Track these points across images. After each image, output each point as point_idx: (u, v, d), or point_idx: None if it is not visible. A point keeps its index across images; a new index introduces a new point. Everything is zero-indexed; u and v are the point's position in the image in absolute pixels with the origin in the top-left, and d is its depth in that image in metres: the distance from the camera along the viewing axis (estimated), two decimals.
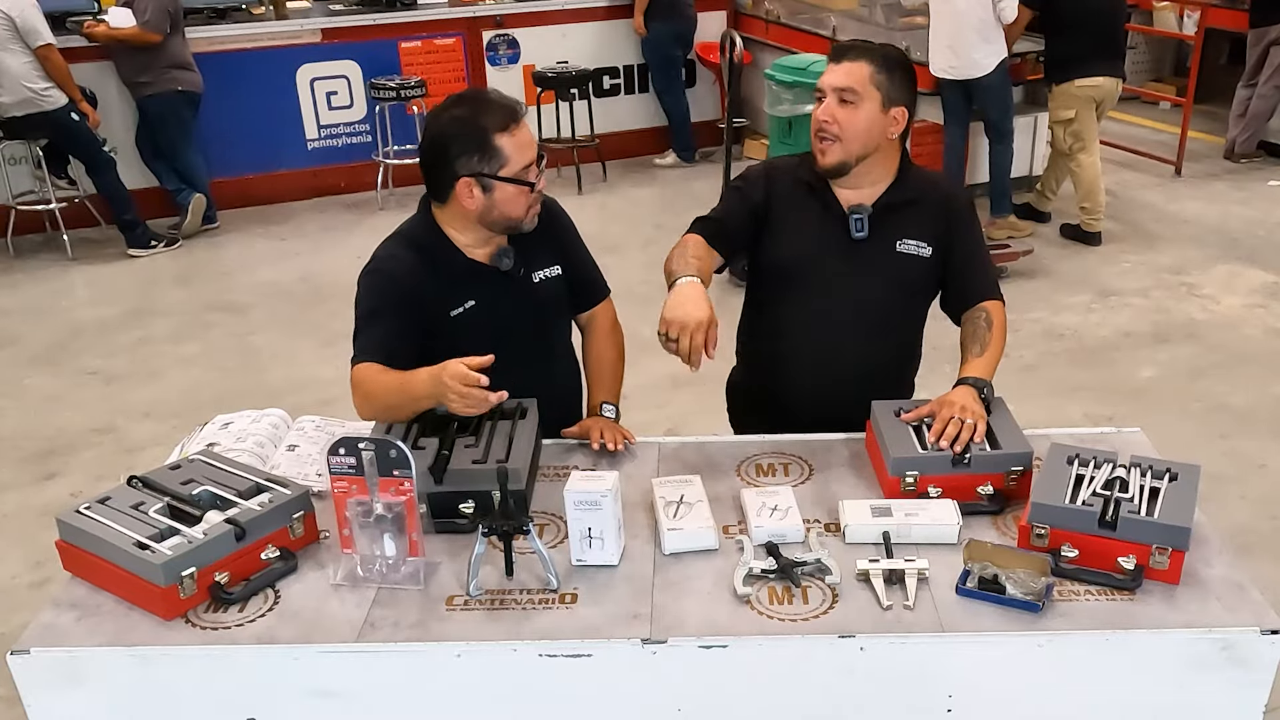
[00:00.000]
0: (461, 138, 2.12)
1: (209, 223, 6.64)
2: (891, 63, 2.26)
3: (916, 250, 2.32)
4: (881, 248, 2.32)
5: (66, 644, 1.75)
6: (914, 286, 2.38)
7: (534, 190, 2.19)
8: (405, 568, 1.86)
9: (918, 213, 2.33)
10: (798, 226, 2.35)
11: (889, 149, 2.30)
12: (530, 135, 2.17)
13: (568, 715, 1.77)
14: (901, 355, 2.49)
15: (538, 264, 2.32)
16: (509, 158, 2.12)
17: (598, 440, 2.25)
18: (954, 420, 2.05)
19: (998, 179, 6.03)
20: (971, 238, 2.40)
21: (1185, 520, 1.79)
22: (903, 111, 2.27)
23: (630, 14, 7.44)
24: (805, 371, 2.40)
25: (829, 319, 2.36)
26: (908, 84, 2.28)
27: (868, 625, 1.72)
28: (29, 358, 5.16)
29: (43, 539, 2.39)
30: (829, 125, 2.25)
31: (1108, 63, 5.76)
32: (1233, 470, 3.84)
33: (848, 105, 2.23)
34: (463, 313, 2.23)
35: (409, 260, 2.21)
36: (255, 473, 2.04)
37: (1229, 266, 5.73)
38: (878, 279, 2.34)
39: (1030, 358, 4.77)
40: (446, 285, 2.22)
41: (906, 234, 2.32)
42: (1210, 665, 1.69)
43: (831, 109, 2.24)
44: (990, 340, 2.28)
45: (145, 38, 6.05)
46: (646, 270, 2.56)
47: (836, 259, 2.33)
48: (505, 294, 2.26)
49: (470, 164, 2.12)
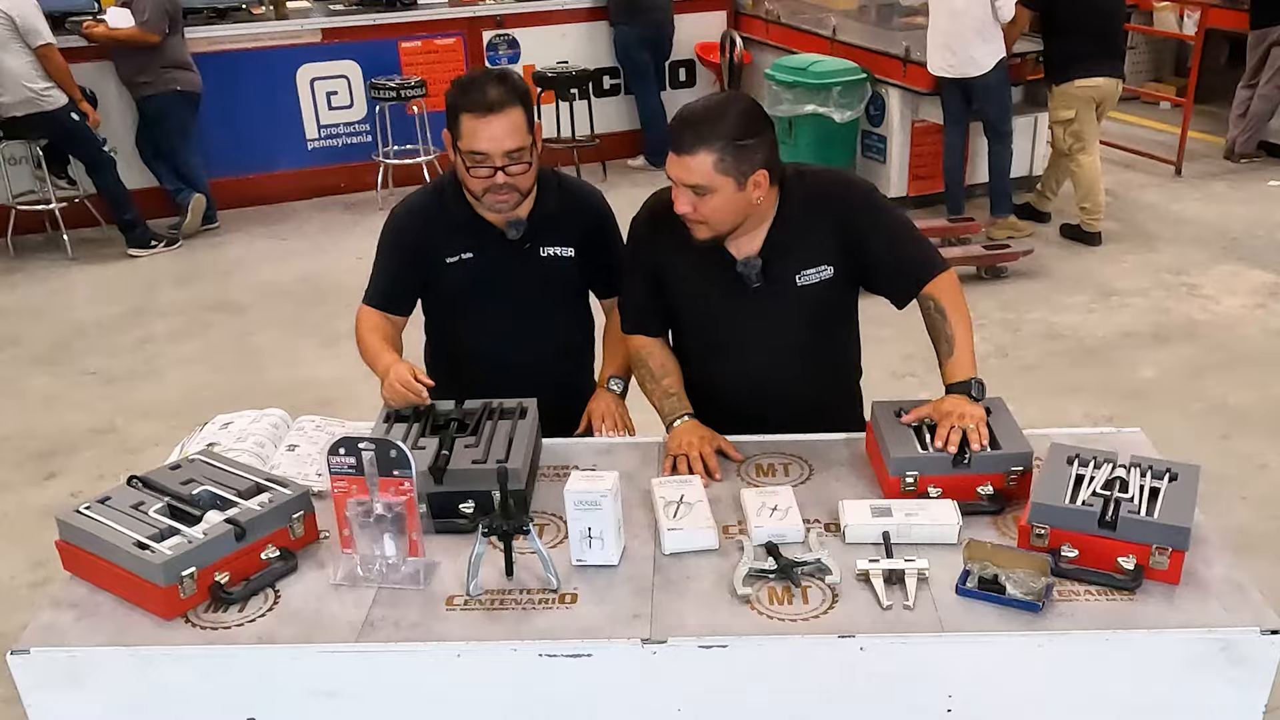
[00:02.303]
0: (448, 99, 2.29)
1: (209, 223, 6.64)
2: (734, 137, 2.04)
3: (818, 276, 2.21)
4: (781, 288, 2.21)
5: (66, 644, 1.75)
6: (826, 310, 2.29)
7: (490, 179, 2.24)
8: (405, 568, 1.86)
9: (810, 238, 2.20)
10: (694, 280, 2.27)
11: (762, 203, 2.14)
12: (499, 131, 2.21)
13: (568, 715, 1.77)
14: (833, 367, 2.41)
15: (550, 240, 2.42)
16: (464, 136, 2.24)
17: (599, 429, 2.37)
18: (955, 430, 2.03)
19: (997, 179, 6.03)
20: (879, 228, 2.23)
21: (1185, 520, 1.79)
22: (763, 174, 2.08)
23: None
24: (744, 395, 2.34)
25: (751, 355, 2.30)
26: (762, 142, 2.08)
27: (868, 625, 1.72)
28: (29, 358, 5.16)
29: (43, 539, 2.38)
30: (690, 215, 2.11)
31: (1108, 63, 5.76)
32: (1233, 470, 3.83)
33: (702, 197, 2.07)
34: (457, 262, 2.39)
35: (424, 203, 2.45)
36: (255, 473, 2.04)
37: (1229, 266, 5.73)
38: (788, 317, 2.25)
39: (1030, 358, 4.77)
40: (448, 232, 2.39)
41: (802, 266, 2.21)
42: (1210, 665, 1.69)
43: (689, 200, 2.08)
44: (953, 330, 2.16)
45: (144, 38, 6.05)
46: None
47: (741, 309, 2.25)
48: (505, 257, 2.39)
49: (449, 123, 2.29)
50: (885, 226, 2.25)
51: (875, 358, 2.53)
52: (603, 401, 2.46)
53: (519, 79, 2.31)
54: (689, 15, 7.55)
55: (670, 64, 7.71)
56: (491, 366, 2.42)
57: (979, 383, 2.13)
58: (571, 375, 2.59)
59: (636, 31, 7.28)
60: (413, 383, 2.17)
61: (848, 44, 6.67)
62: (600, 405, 2.46)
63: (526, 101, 2.27)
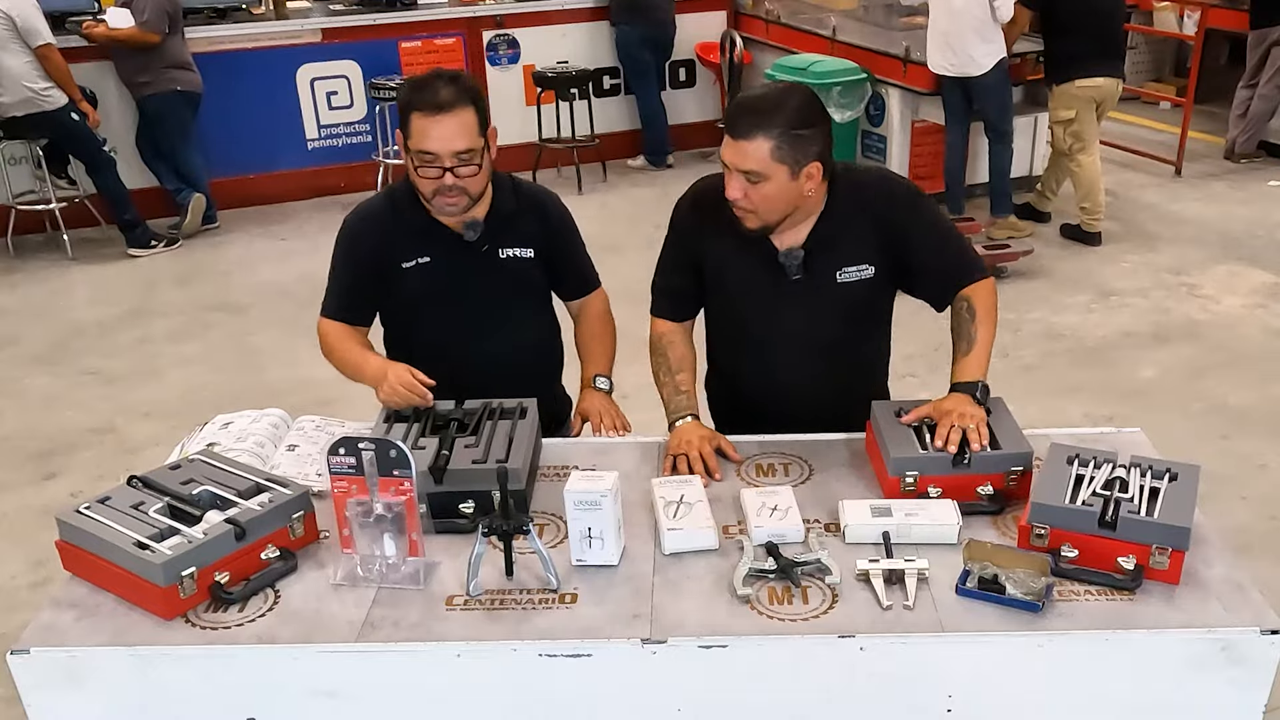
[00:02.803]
0: (399, 99, 2.29)
1: (209, 223, 6.64)
2: (792, 125, 2.05)
3: (858, 275, 2.23)
4: (822, 283, 2.23)
5: (66, 644, 1.75)
6: (864, 309, 2.30)
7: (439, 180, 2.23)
8: (405, 568, 1.86)
9: (854, 236, 2.21)
10: (733, 272, 2.28)
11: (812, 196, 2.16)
12: (449, 131, 2.20)
13: (568, 715, 1.77)
14: (864, 364, 2.42)
15: (509, 242, 2.40)
16: (413, 135, 2.23)
17: (598, 429, 2.36)
18: (954, 429, 2.03)
19: (997, 179, 6.03)
20: (924, 228, 2.25)
21: (1185, 520, 1.79)
22: (817, 166, 2.09)
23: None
24: (771, 390, 2.37)
25: (781, 349, 2.31)
26: (817, 134, 2.09)
27: (868, 625, 1.72)
28: (29, 358, 5.16)
29: (43, 539, 2.38)
30: (740, 202, 2.11)
31: (1108, 63, 5.76)
32: (1233, 470, 3.83)
33: (755, 184, 2.08)
34: (414, 267, 2.36)
35: (377, 209, 2.42)
36: (255, 473, 2.04)
37: (1229, 266, 5.73)
38: (824, 314, 2.26)
39: (1030, 358, 4.77)
40: (406, 237, 2.36)
41: (844, 263, 2.22)
42: (1210, 665, 1.69)
43: (741, 187, 2.09)
44: (976, 332, 2.20)
45: (144, 38, 6.05)
46: (646, 270, 2.55)
47: (778, 299, 2.26)
48: (463, 260, 2.36)
49: (401, 122, 2.27)
50: (928, 226, 2.27)
51: None
52: (595, 401, 2.45)
53: (471, 80, 2.29)
54: (689, 15, 7.55)
55: (670, 64, 7.70)
56: (455, 371, 2.31)
57: (985, 387, 2.14)
58: (538, 378, 2.52)
59: (639, 31, 7.28)
60: (416, 384, 2.17)
61: (848, 44, 6.67)
62: (593, 404, 2.45)
63: (479, 103, 2.25)
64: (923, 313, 2.44)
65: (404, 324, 2.48)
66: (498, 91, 7.39)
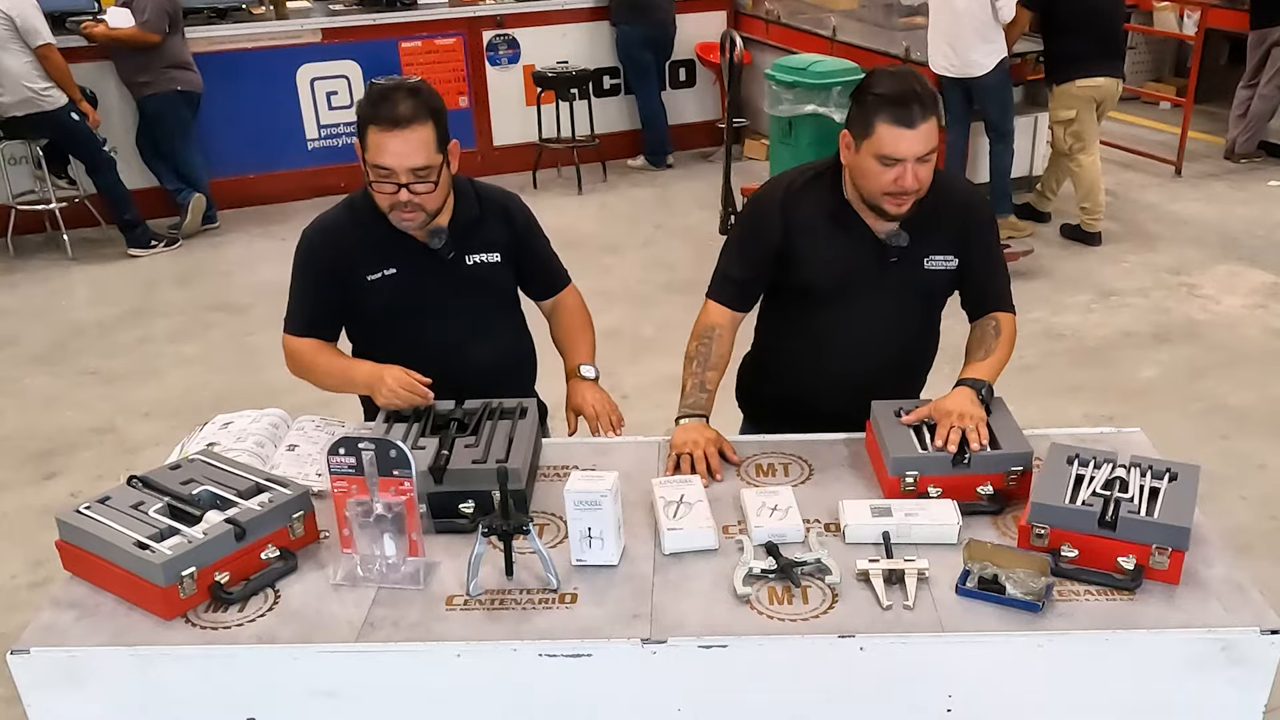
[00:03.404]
0: (359, 110, 2.22)
1: (209, 222, 6.64)
2: (936, 103, 2.15)
3: (944, 265, 2.30)
4: (910, 266, 2.29)
5: (66, 644, 1.75)
6: (939, 296, 2.40)
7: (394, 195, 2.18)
8: (405, 568, 1.86)
9: (941, 225, 2.28)
10: (826, 255, 2.30)
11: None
12: (406, 148, 2.14)
13: (568, 715, 1.77)
14: (921, 356, 2.50)
15: (474, 248, 2.37)
16: (370, 149, 2.18)
17: (596, 430, 2.35)
18: (954, 429, 2.04)
19: (998, 179, 6.02)
20: (990, 246, 2.38)
21: (1185, 520, 1.79)
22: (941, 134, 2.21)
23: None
24: (827, 377, 2.39)
25: (854, 333, 2.35)
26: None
27: (868, 625, 1.72)
28: (29, 358, 5.16)
29: (43, 539, 2.38)
30: (920, 189, 2.15)
31: (1108, 63, 5.76)
32: (1233, 470, 3.83)
33: (926, 163, 2.14)
34: (380, 279, 2.32)
35: (336, 222, 2.37)
36: (255, 473, 2.04)
37: (1229, 266, 5.73)
38: (906, 295, 2.33)
39: (1030, 358, 4.76)
40: (369, 249, 2.32)
41: (933, 250, 2.29)
42: (1210, 665, 1.69)
43: (916, 173, 2.12)
44: (996, 347, 2.27)
45: (144, 38, 6.05)
46: (646, 270, 2.56)
47: (867, 282, 2.30)
48: (429, 269, 2.33)
49: (359, 135, 2.22)
50: (994, 246, 2.39)
51: None
52: (587, 394, 2.41)
53: (433, 93, 2.22)
54: (689, 15, 7.54)
55: (670, 64, 7.70)
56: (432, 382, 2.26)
57: (989, 388, 2.16)
58: (514, 381, 2.49)
59: (640, 30, 7.28)
60: (415, 384, 2.16)
61: (848, 44, 6.67)
62: (586, 399, 2.40)
63: (439, 118, 2.19)
64: None
65: (372, 337, 2.43)
66: (498, 91, 7.39)
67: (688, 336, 2.38)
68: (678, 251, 5.91)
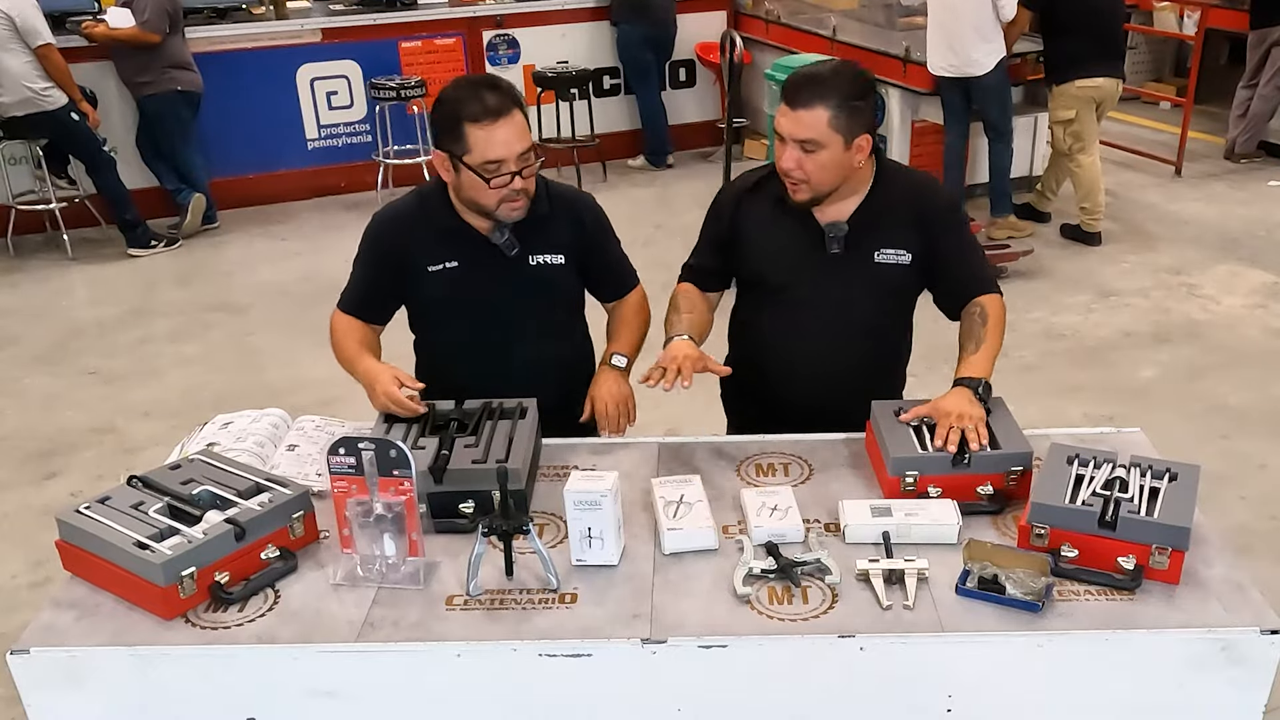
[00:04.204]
0: (442, 115, 2.23)
1: (209, 222, 6.64)
2: (848, 97, 2.16)
3: (895, 259, 2.30)
4: (860, 259, 2.29)
5: (66, 644, 1.75)
6: (895, 292, 2.37)
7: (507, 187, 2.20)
8: (405, 568, 1.86)
9: (895, 221, 2.29)
10: (774, 246, 2.34)
11: (861, 169, 2.25)
12: (511, 135, 2.17)
13: (568, 715, 1.77)
14: (889, 352, 2.48)
15: (539, 248, 2.36)
16: (472, 148, 2.18)
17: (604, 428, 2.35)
18: (954, 430, 2.04)
19: (997, 179, 6.02)
20: (956, 237, 2.35)
21: (1185, 520, 1.79)
22: (867, 138, 2.20)
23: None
24: (792, 374, 2.40)
25: (812, 327, 2.35)
26: (869, 107, 2.20)
27: (868, 625, 1.72)
28: (29, 358, 5.15)
29: (43, 539, 2.38)
30: (794, 172, 2.19)
31: (1108, 63, 5.76)
32: (1233, 470, 3.83)
33: (810, 153, 2.16)
34: (441, 270, 2.32)
35: (405, 210, 2.39)
36: (255, 473, 2.04)
37: (1229, 266, 5.73)
38: (857, 289, 2.32)
39: (1030, 358, 4.77)
40: (432, 240, 2.33)
41: (884, 244, 2.29)
42: (1210, 665, 1.69)
43: (795, 157, 2.18)
44: (986, 336, 2.25)
45: (144, 38, 6.05)
46: (646, 270, 2.56)
47: (815, 274, 2.31)
48: (491, 265, 2.32)
49: (444, 141, 2.23)
50: (961, 236, 2.37)
51: None
52: (606, 386, 2.38)
53: (506, 81, 2.26)
54: (689, 15, 7.55)
55: (670, 64, 7.71)
56: (483, 378, 2.31)
57: (987, 385, 2.16)
58: (567, 386, 2.46)
59: (641, 30, 7.28)
60: (403, 400, 2.15)
61: (848, 44, 6.67)
62: (602, 392, 2.37)
63: (521, 103, 2.24)
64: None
65: (429, 326, 2.47)
66: None
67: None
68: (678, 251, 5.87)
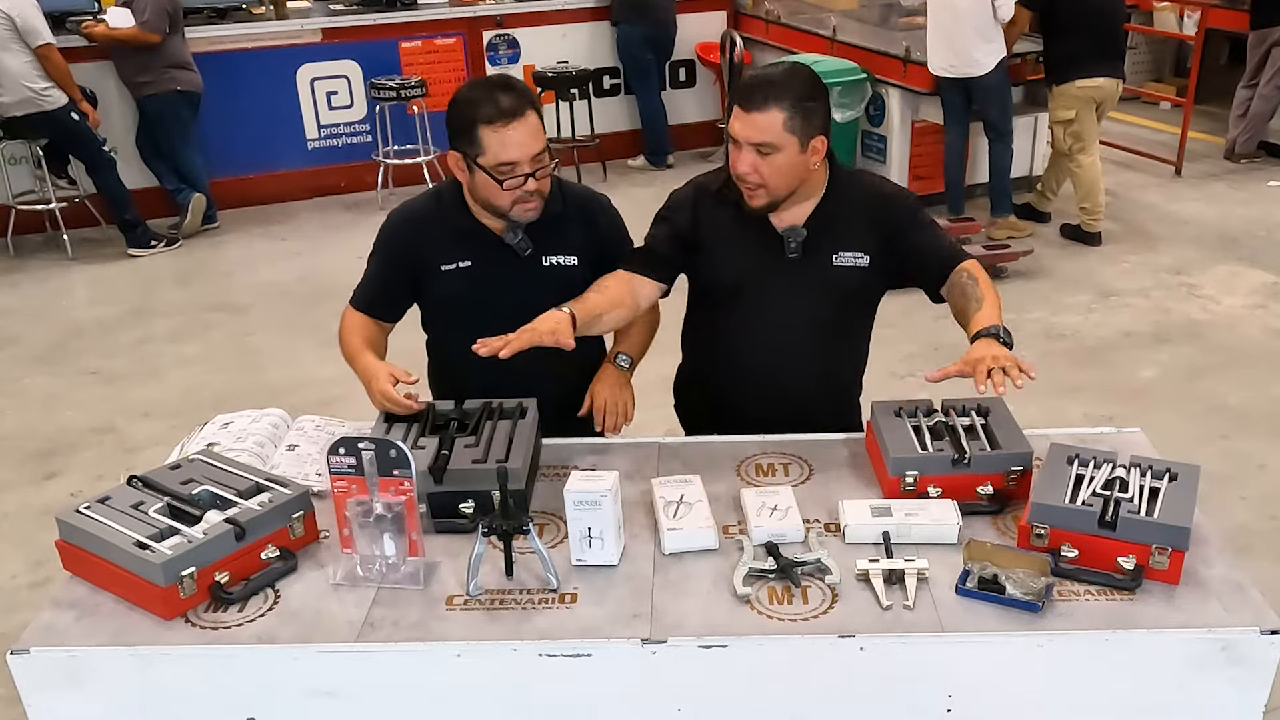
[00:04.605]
0: (456, 116, 2.23)
1: (209, 222, 6.64)
2: (801, 99, 2.14)
3: (853, 261, 2.27)
4: (818, 263, 2.27)
5: (66, 644, 1.75)
6: (853, 295, 2.34)
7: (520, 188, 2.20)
8: (405, 568, 1.86)
9: (852, 224, 2.27)
10: (732, 249, 2.31)
11: (816, 171, 2.24)
12: (525, 137, 2.17)
13: (568, 715, 1.77)
14: (844, 358, 2.46)
15: (553, 249, 2.36)
16: (486, 149, 2.18)
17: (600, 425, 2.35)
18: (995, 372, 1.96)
19: (997, 179, 6.03)
20: (919, 231, 2.30)
21: (1185, 520, 1.79)
22: (821, 140, 2.18)
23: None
24: (747, 378, 2.38)
25: (768, 331, 2.33)
26: (822, 109, 2.18)
27: (868, 625, 1.72)
28: (29, 358, 5.16)
29: (43, 539, 2.39)
30: (750, 176, 2.17)
31: (1108, 64, 5.76)
32: (1233, 470, 3.83)
33: (766, 156, 2.14)
34: (454, 270, 2.33)
35: (421, 209, 2.40)
36: (255, 472, 2.04)
37: (1229, 266, 5.73)
38: (815, 293, 2.29)
39: (1030, 358, 4.67)
40: (446, 239, 2.33)
41: (842, 247, 2.27)
42: (1210, 665, 1.69)
43: (750, 161, 2.15)
44: (981, 293, 2.20)
45: (144, 38, 6.05)
46: None
47: (773, 278, 2.29)
48: (504, 266, 2.33)
49: (459, 142, 2.23)
50: (923, 229, 2.33)
51: (876, 358, 2.52)
52: (605, 384, 2.40)
53: (521, 82, 2.28)
54: (689, 15, 7.55)
55: (670, 64, 7.71)
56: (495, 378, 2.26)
57: (1006, 329, 2.10)
58: (578, 389, 2.46)
59: (641, 30, 7.28)
60: (400, 399, 2.15)
61: (848, 44, 6.67)
62: (602, 390, 2.39)
63: (536, 104, 2.23)
64: (921, 311, 2.45)
65: (444, 327, 2.47)
66: None
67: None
68: None
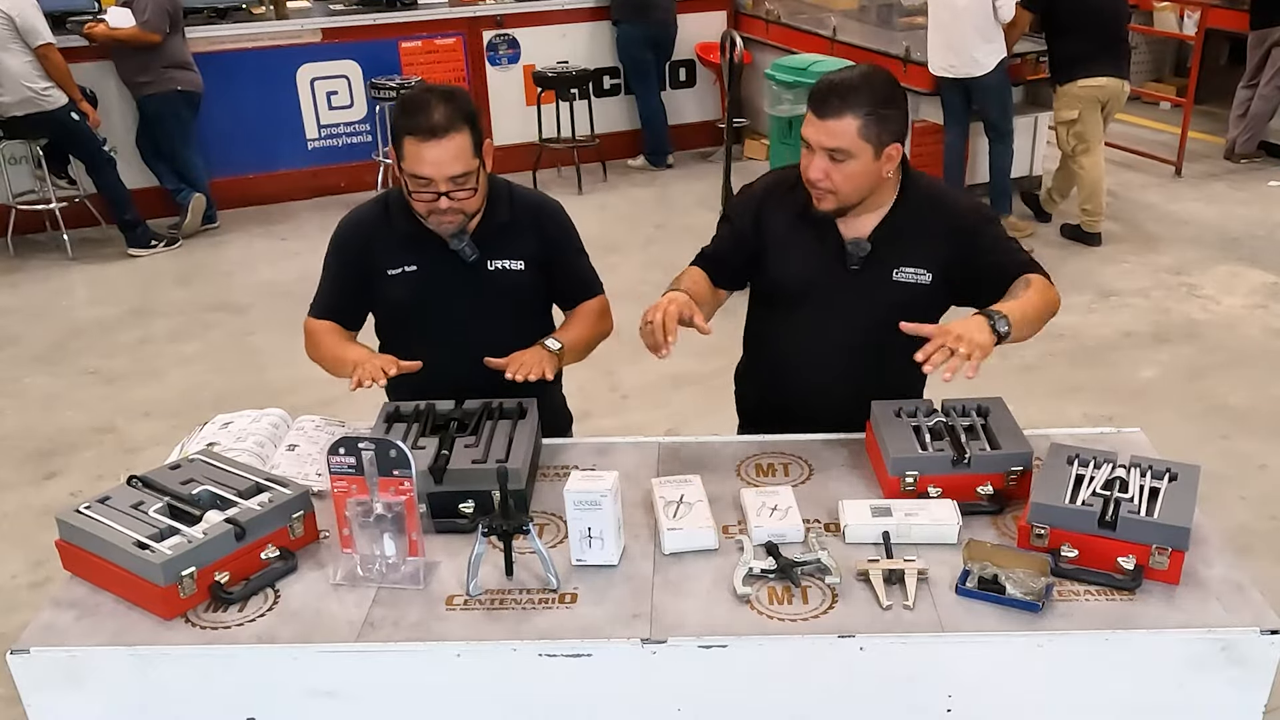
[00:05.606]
0: (393, 117, 2.25)
1: (209, 222, 6.64)
2: (878, 104, 2.09)
3: (914, 278, 2.24)
4: (878, 276, 2.24)
5: (66, 644, 1.75)
6: (912, 309, 2.24)
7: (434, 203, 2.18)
8: (405, 568, 1.86)
9: (918, 239, 2.23)
10: (793, 255, 2.30)
11: (889, 179, 2.20)
12: (443, 157, 2.13)
13: (568, 715, 1.77)
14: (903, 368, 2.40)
15: (499, 254, 2.35)
16: (405, 158, 2.18)
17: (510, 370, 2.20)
18: (943, 348, 1.93)
19: (997, 179, 6.03)
20: (991, 248, 2.24)
21: (1185, 520, 1.79)
22: (897, 147, 2.14)
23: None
24: (805, 384, 2.38)
25: (826, 339, 2.32)
26: (899, 114, 2.14)
27: (867, 625, 1.72)
28: (29, 358, 5.16)
29: (43, 539, 2.39)
30: (821, 182, 2.13)
31: (1111, 63, 5.75)
32: (1233, 470, 3.83)
33: (839, 162, 2.11)
34: (401, 274, 2.33)
35: (369, 214, 2.40)
36: (255, 472, 2.04)
37: (1229, 266, 5.73)
38: (874, 305, 2.25)
39: (1030, 358, 4.76)
40: (394, 244, 2.34)
41: (904, 262, 2.23)
42: (1210, 665, 1.69)
43: (823, 167, 2.12)
44: (1024, 295, 2.11)
45: (144, 38, 6.05)
46: (646, 270, 2.57)
47: (833, 287, 2.27)
48: (450, 270, 2.32)
49: (392, 142, 2.25)
50: (996, 246, 2.26)
51: None
52: (528, 352, 2.28)
53: (466, 99, 2.21)
54: (689, 15, 7.55)
55: (670, 64, 7.71)
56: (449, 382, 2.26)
57: (1005, 319, 2.02)
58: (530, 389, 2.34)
59: (641, 30, 7.28)
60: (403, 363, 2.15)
61: (848, 44, 6.68)
62: (523, 354, 2.28)
63: (474, 123, 2.19)
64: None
65: (394, 332, 2.46)
66: (498, 92, 7.40)
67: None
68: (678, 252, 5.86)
